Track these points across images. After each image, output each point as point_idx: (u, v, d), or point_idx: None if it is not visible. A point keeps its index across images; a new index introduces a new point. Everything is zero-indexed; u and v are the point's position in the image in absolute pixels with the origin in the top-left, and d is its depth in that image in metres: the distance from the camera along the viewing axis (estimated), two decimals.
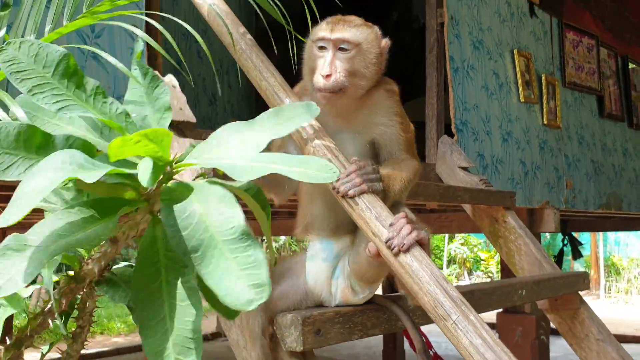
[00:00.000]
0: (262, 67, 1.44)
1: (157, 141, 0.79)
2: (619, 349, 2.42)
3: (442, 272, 1.14)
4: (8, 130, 0.85)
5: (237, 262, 0.74)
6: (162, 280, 0.80)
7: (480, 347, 1.02)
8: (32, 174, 0.75)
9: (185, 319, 0.78)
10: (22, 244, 0.76)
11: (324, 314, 1.36)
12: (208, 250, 0.75)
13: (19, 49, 0.90)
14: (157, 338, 0.77)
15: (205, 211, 0.78)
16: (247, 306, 0.73)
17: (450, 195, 2.47)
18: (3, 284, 0.73)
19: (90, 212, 0.81)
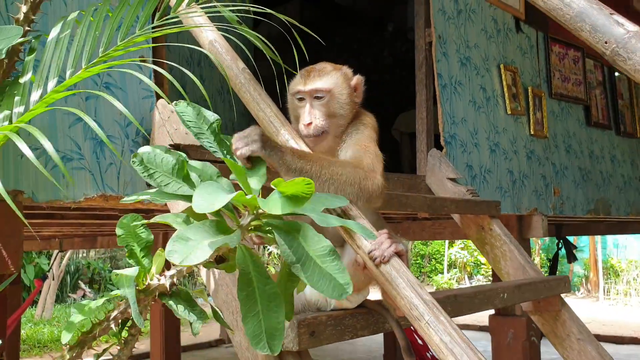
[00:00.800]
0: (259, 99, 1.62)
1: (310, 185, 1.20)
2: (598, 348, 2.58)
3: (417, 279, 1.31)
4: (168, 160, 1.31)
5: (328, 269, 1.16)
6: (254, 286, 1.17)
7: (449, 344, 1.20)
8: (201, 190, 1.19)
9: (271, 314, 1.16)
10: (186, 237, 1.14)
11: (317, 317, 1.53)
12: (306, 262, 1.16)
13: (186, 107, 1.42)
14: (254, 325, 1.15)
15: (305, 238, 1.20)
16: (340, 297, 1.16)
17: (437, 206, 2.64)
18: (186, 258, 1.10)
19: (215, 228, 1.18)
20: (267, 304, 1.15)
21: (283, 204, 1.16)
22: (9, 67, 1.54)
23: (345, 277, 1.16)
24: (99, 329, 1.28)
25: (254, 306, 1.15)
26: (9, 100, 1.43)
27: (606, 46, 1.19)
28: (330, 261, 1.16)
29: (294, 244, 1.18)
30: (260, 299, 1.16)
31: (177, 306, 1.31)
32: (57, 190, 1.81)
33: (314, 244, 1.18)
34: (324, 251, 1.17)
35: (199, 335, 11.46)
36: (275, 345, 1.14)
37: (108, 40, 1.42)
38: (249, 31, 1.50)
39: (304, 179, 1.16)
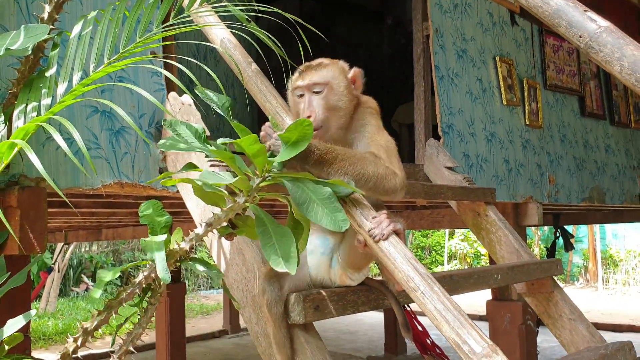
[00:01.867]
0: (266, 91, 1.74)
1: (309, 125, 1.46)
2: (588, 327, 2.70)
3: (412, 254, 1.43)
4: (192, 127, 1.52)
5: (328, 209, 1.41)
6: (268, 227, 1.42)
7: (442, 311, 1.32)
8: None
9: (284, 245, 1.40)
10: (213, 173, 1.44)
11: (321, 293, 1.66)
12: (310, 203, 1.42)
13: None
14: (272, 251, 1.39)
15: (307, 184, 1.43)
16: (340, 229, 1.41)
17: (434, 193, 2.77)
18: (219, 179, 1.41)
19: None
20: (279, 239, 1.40)
21: (289, 151, 1.42)
22: (34, 62, 1.67)
23: (343, 215, 1.41)
24: (125, 294, 1.41)
25: (269, 239, 1.40)
26: (35, 93, 1.55)
27: (581, 40, 1.31)
28: (330, 203, 1.41)
29: (300, 189, 1.41)
30: (274, 234, 1.40)
31: (195, 267, 1.46)
32: (77, 177, 1.93)
33: (317, 190, 1.42)
34: (324, 195, 1.42)
35: (203, 327, 11.60)
36: (291, 265, 1.37)
37: (127, 38, 1.54)
38: (258, 29, 1.62)
39: (305, 120, 1.41)
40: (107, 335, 9.56)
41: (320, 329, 6.93)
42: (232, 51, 1.82)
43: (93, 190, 1.96)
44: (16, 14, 1.89)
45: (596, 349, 2.50)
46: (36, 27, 1.54)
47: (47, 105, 1.51)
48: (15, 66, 1.73)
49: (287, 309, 1.63)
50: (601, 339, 2.64)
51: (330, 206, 1.40)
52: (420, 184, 2.72)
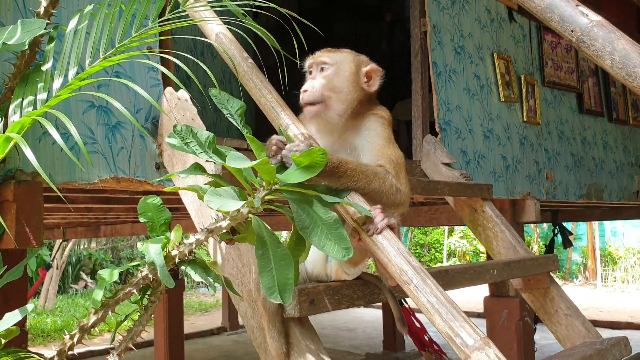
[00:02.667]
0: (261, 86, 1.74)
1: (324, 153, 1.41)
2: (584, 323, 2.71)
3: (406, 247, 1.44)
4: (202, 134, 1.46)
5: (333, 235, 1.37)
6: (268, 248, 1.37)
7: (435, 304, 1.32)
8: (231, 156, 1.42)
9: (282, 271, 1.36)
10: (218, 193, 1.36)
11: (317, 287, 1.66)
12: (314, 228, 1.38)
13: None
14: (269, 279, 1.35)
15: (314, 208, 1.40)
16: (344, 258, 1.35)
17: (431, 189, 2.77)
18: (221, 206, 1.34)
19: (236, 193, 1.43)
20: (278, 262, 1.36)
21: (299, 174, 1.38)
22: (31, 57, 1.67)
23: (347, 243, 1.36)
24: (122, 294, 1.41)
25: (268, 263, 1.35)
26: (31, 88, 1.55)
27: (572, 34, 1.32)
28: (335, 229, 1.37)
29: (305, 212, 1.38)
30: (273, 257, 1.36)
31: (194, 270, 1.46)
32: (73, 172, 1.93)
33: (323, 214, 1.38)
34: (330, 220, 1.38)
35: (201, 324, 11.61)
36: (286, 297, 1.34)
37: (123, 32, 1.55)
38: (253, 23, 1.62)
39: (320, 149, 1.36)
40: (105, 332, 9.60)
41: (319, 326, 7.02)
42: (227, 46, 1.82)
43: (89, 185, 1.96)
44: (12, 8, 1.89)
45: (592, 344, 2.51)
46: (33, 22, 1.55)
47: (43, 99, 1.51)
48: (12, 61, 1.73)
49: (282, 304, 1.64)
50: (597, 335, 2.64)
51: (335, 232, 1.37)
52: (417, 180, 2.72)
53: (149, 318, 1.48)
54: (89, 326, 1.47)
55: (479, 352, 1.25)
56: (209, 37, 1.89)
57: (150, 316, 1.48)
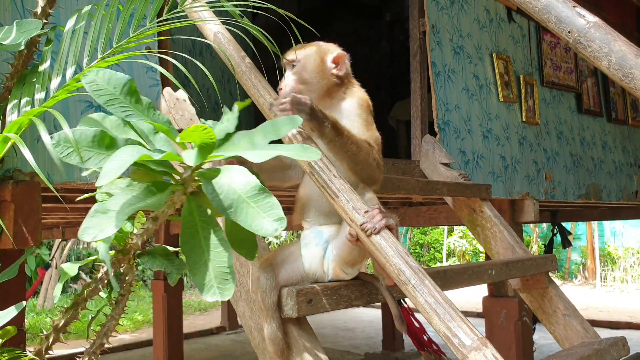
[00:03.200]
0: (259, 86, 1.74)
1: (209, 132, 1.17)
2: (582, 323, 2.71)
3: (404, 248, 1.44)
4: (86, 134, 1.21)
5: (260, 208, 1.14)
6: (200, 236, 1.17)
7: (432, 304, 1.33)
8: (114, 156, 1.10)
9: (220, 259, 1.15)
10: (105, 209, 1.12)
11: (314, 288, 1.67)
12: (239, 205, 1.14)
13: (96, 74, 1.27)
14: (202, 275, 1.14)
15: (232, 181, 1.17)
16: (274, 233, 1.12)
17: (430, 189, 2.77)
18: (99, 233, 1.08)
19: (148, 189, 1.18)
20: (214, 252, 1.16)
21: (197, 154, 1.18)
22: (28, 57, 1.67)
23: (279, 212, 1.14)
24: (88, 291, 1.40)
25: (201, 256, 1.15)
26: (29, 88, 1.56)
27: (569, 35, 1.32)
28: (262, 199, 1.15)
29: (223, 189, 1.16)
30: (206, 247, 1.16)
31: (152, 262, 1.43)
32: (71, 172, 1.93)
33: (243, 187, 1.16)
34: (254, 191, 1.16)
35: (201, 323, 11.59)
36: (226, 290, 1.14)
37: (120, 33, 1.55)
38: (250, 24, 1.62)
39: (200, 126, 1.18)
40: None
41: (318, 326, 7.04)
42: (225, 46, 1.82)
43: (88, 185, 1.96)
44: (11, 9, 1.89)
45: (590, 344, 2.51)
46: (29, 22, 1.55)
47: (41, 99, 1.52)
48: (10, 61, 1.73)
49: (280, 303, 1.64)
50: (595, 335, 2.65)
51: (262, 204, 1.14)
52: (416, 180, 2.72)
53: (121, 312, 1.45)
54: (62, 325, 1.45)
55: (477, 352, 1.25)
56: (207, 37, 1.89)
57: (123, 309, 1.45)
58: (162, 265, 1.42)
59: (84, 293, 1.39)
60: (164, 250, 1.46)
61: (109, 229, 1.08)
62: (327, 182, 1.54)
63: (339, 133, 1.68)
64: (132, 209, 1.13)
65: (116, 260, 1.36)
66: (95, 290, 1.38)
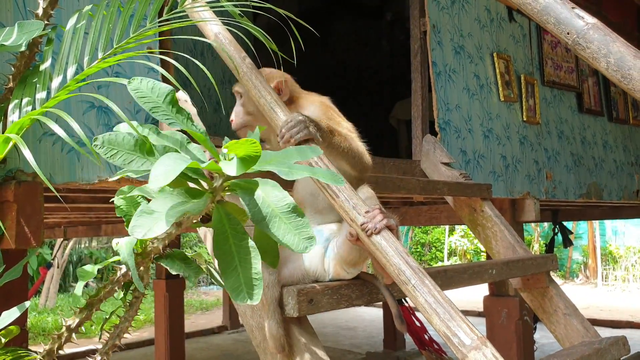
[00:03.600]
0: (260, 86, 1.75)
1: (256, 145, 1.23)
2: (583, 322, 2.71)
3: (404, 248, 1.44)
4: (129, 139, 1.29)
5: (292, 225, 1.23)
6: (231, 243, 1.24)
7: (432, 304, 1.33)
8: (160, 162, 1.17)
9: (249, 266, 1.23)
10: (151, 210, 1.18)
11: (315, 287, 1.67)
12: (272, 218, 1.23)
13: (140, 83, 1.35)
14: (233, 279, 1.22)
15: (267, 195, 1.25)
16: (305, 250, 1.22)
17: (431, 188, 2.78)
18: (147, 231, 1.14)
19: (185, 195, 1.23)
20: (244, 258, 1.23)
21: (238, 165, 1.23)
22: (29, 58, 1.68)
23: (309, 232, 1.23)
24: (104, 292, 1.41)
25: (232, 261, 1.22)
26: (30, 88, 1.56)
27: (568, 37, 1.33)
28: (294, 217, 1.23)
29: (258, 202, 1.24)
30: (237, 254, 1.23)
31: (171, 265, 1.46)
32: (73, 172, 1.94)
33: (278, 202, 1.24)
34: (287, 208, 1.24)
35: (202, 323, 11.62)
36: (255, 295, 1.20)
37: (121, 33, 1.55)
38: (252, 25, 1.62)
39: (249, 140, 1.24)
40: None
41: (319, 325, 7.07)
42: (226, 46, 1.83)
43: (90, 185, 1.97)
44: (12, 9, 1.90)
45: (590, 344, 2.51)
46: (30, 23, 1.55)
47: (42, 99, 1.52)
48: (12, 62, 1.74)
49: (281, 302, 1.65)
50: (595, 334, 2.65)
51: (294, 222, 1.22)
52: (416, 180, 2.72)
53: (135, 314, 1.48)
54: (75, 326, 1.47)
55: (476, 351, 1.26)
56: (208, 37, 1.89)
57: (136, 312, 1.48)
58: (180, 268, 1.46)
59: (99, 294, 1.41)
60: (181, 254, 1.49)
61: (159, 228, 1.14)
62: None
63: (333, 134, 1.75)
64: (177, 211, 1.18)
65: (135, 262, 1.38)
66: (111, 292, 1.41)
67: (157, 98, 1.35)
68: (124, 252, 1.36)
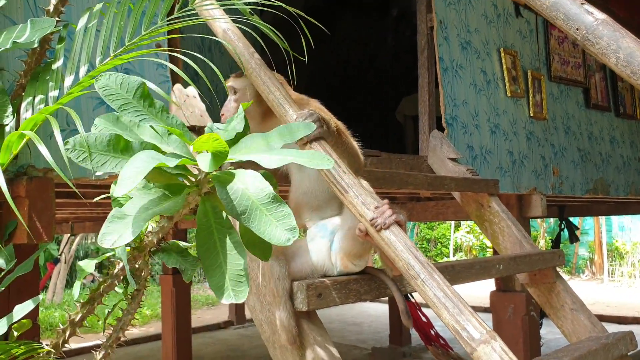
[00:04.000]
0: (269, 82, 1.76)
1: (221, 142, 1.18)
2: (590, 317, 2.72)
3: (413, 242, 1.45)
4: (102, 138, 1.21)
5: (273, 216, 1.15)
6: (215, 238, 1.18)
7: (442, 298, 1.34)
8: (129, 163, 1.11)
9: (235, 262, 1.16)
10: (123, 214, 1.13)
11: (324, 282, 1.69)
12: (252, 211, 1.15)
13: (108, 78, 1.27)
14: (218, 277, 1.15)
15: (246, 187, 1.16)
16: (287, 242, 1.13)
17: (438, 184, 2.78)
18: (117, 239, 1.09)
19: (163, 192, 1.19)
20: (230, 255, 1.17)
21: (211, 161, 1.18)
22: (41, 54, 1.69)
23: (292, 222, 1.16)
24: (104, 286, 1.42)
25: (216, 258, 1.17)
26: (43, 86, 1.58)
27: (578, 32, 1.34)
28: (275, 208, 1.16)
29: (237, 194, 1.17)
30: (221, 250, 1.17)
31: (167, 259, 1.45)
32: (83, 168, 1.96)
33: (257, 193, 1.17)
34: (267, 199, 1.17)
35: (208, 318, 11.67)
36: (241, 292, 1.15)
37: (133, 30, 1.57)
38: (260, 21, 1.64)
39: (212, 136, 1.19)
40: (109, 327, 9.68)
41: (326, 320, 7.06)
42: (235, 43, 1.84)
43: (100, 181, 1.99)
44: (23, 7, 1.92)
45: (597, 339, 2.52)
46: (42, 20, 1.57)
47: (55, 97, 1.54)
48: (23, 58, 1.75)
49: (290, 297, 1.66)
50: (603, 329, 2.65)
51: (275, 213, 1.15)
52: (424, 176, 2.73)
53: (137, 306, 1.48)
54: (78, 320, 1.48)
55: (485, 345, 1.27)
56: (216, 34, 1.91)
57: (139, 304, 1.48)
58: (177, 262, 1.45)
59: (100, 288, 1.41)
60: (178, 247, 1.48)
61: (127, 235, 1.10)
62: (337, 177, 1.56)
63: (339, 132, 1.79)
64: (149, 214, 1.14)
65: (132, 257, 1.39)
66: (111, 285, 1.41)
67: (127, 94, 1.28)
68: (117, 247, 1.33)
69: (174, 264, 1.45)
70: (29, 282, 1.84)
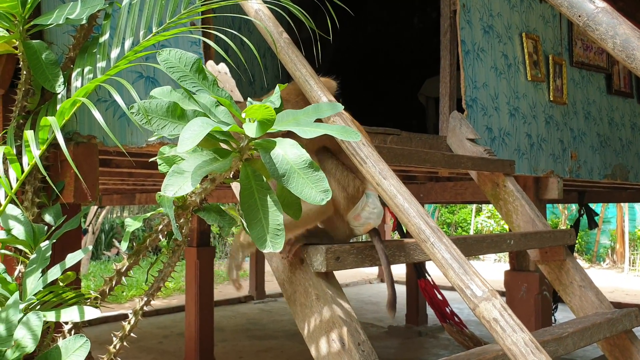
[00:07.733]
0: (296, 60, 1.89)
1: (271, 111, 1.35)
2: (598, 294, 2.83)
3: (424, 209, 1.59)
4: (161, 105, 1.39)
5: (309, 179, 1.32)
6: (256, 198, 1.36)
7: (449, 260, 1.48)
8: (188, 127, 1.28)
9: (273, 218, 1.34)
10: (181, 170, 1.30)
11: (342, 246, 1.83)
12: (291, 174, 1.32)
13: (169, 54, 1.45)
14: (258, 229, 1.33)
15: (285, 153, 1.33)
16: (321, 202, 1.30)
17: (454, 162, 2.90)
18: (178, 190, 1.27)
19: (213, 155, 1.37)
20: (268, 211, 1.34)
21: (258, 127, 1.35)
22: (89, 30, 1.85)
23: (325, 185, 1.32)
24: (149, 240, 1.60)
25: (256, 214, 1.34)
26: (91, 58, 1.73)
27: (580, 19, 1.45)
28: (311, 172, 1.32)
29: (278, 159, 1.33)
30: (261, 207, 1.34)
31: (207, 217, 1.62)
32: (123, 137, 2.12)
33: (296, 159, 1.33)
34: (304, 164, 1.33)
35: (230, 292, 11.88)
36: (278, 243, 1.32)
37: (172, 9, 1.71)
38: (290, 3, 1.77)
39: (263, 105, 1.34)
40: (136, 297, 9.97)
41: None
42: (265, 22, 1.97)
43: (138, 148, 2.15)
44: None
45: (603, 314, 2.64)
46: None
47: (102, 67, 1.69)
48: (71, 33, 1.91)
49: (310, 260, 1.81)
50: (609, 306, 2.77)
51: (311, 176, 1.31)
52: (441, 154, 2.85)
53: (177, 260, 1.65)
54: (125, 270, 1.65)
55: (487, 302, 1.40)
56: (248, 14, 2.04)
57: (179, 258, 1.65)
58: (216, 220, 1.62)
59: (146, 242, 1.59)
60: (217, 207, 1.65)
61: (187, 186, 1.27)
62: (356, 148, 1.69)
63: None
64: (204, 171, 1.30)
65: (176, 214, 1.55)
66: (155, 239, 1.58)
67: (185, 67, 1.45)
68: (165, 204, 1.51)
69: (214, 222, 1.63)
70: (73, 240, 2.00)
